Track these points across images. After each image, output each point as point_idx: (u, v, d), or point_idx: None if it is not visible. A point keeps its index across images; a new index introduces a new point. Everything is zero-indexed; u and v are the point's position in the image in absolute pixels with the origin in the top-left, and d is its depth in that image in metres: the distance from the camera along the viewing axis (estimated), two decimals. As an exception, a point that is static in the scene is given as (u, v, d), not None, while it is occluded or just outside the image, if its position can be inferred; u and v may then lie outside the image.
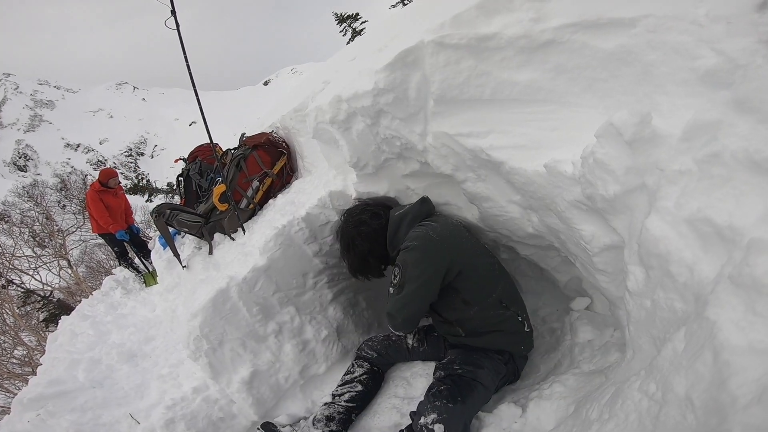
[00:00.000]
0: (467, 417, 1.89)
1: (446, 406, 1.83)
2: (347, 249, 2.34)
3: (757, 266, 0.97)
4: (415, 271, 1.97)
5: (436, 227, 2.08)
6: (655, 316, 1.40)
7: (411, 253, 1.99)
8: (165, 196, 25.41)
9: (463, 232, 2.19)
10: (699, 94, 1.39)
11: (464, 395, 1.91)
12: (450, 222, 2.23)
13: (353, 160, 2.35)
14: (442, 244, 2.01)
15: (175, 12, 2.44)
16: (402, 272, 1.99)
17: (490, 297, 2.09)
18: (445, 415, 1.81)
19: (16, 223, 19.24)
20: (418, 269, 1.97)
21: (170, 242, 3.37)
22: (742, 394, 0.93)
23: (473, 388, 1.96)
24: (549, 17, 1.79)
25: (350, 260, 2.36)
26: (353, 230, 2.28)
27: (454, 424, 1.80)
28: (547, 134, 1.83)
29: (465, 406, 1.87)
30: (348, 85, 2.22)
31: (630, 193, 1.43)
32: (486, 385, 2.02)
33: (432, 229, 2.06)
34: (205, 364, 2.40)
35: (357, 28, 17.60)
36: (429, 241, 2.00)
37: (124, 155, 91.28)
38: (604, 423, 1.43)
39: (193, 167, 3.78)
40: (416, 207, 2.25)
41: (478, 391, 1.97)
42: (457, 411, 1.83)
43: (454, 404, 1.85)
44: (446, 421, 1.79)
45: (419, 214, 2.20)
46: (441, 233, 2.05)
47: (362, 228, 2.25)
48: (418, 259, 1.97)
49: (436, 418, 1.80)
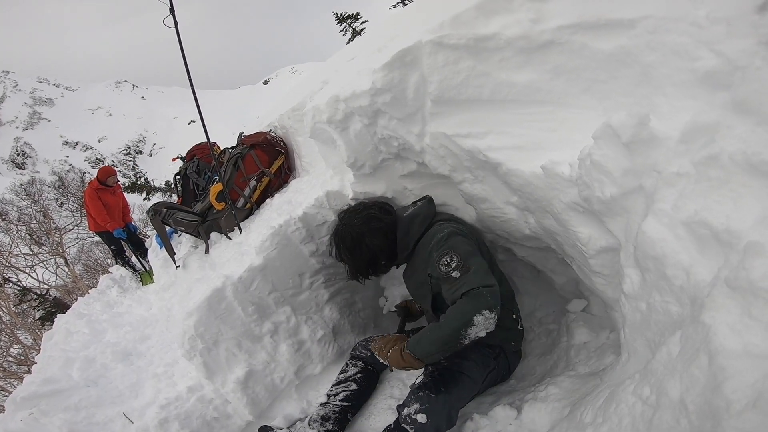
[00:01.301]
0: (452, 407, 1.88)
1: (429, 396, 1.84)
2: (354, 247, 2.21)
3: (753, 270, 0.97)
4: (468, 246, 1.94)
5: (455, 224, 2.10)
6: (651, 319, 1.39)
7: (454, 237, 1.97)
8: (163, 194, 25.40)
9: (471, 229, 2.23)
10: (698, 95, 1.38)
11: (448, 386, 1.91)
12: (460, 219, 2.28)
13: (350, 160, 2.34)
14: (470, 235, 2.05)
15: (174, 10, 2.44)
16: (455, 254, 1.89)
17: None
18: (428, 405, 1.82)
19: (14, 220, 19.19)
20: (468, 244, 1.95)
21: (166, 241, 3.35)
22: (736, 399, 0.93)
23: (458, 379, 1.95)
24: (548, 18, 1.78)
25: (356, 260, 2.24)
26: (363, 227, 2.18)
27: (437, 413, 1.81)
28: (545, 135, 1.82)
29: (449, 396, 1.87)
30: (346, 85, 2.21)
31: (627, 196, 1.42)
32: (472, 377, 2.01)
33: (452, 224, 2.08)
34: (200, 363, 2.38)
35: (357, 28, 17.62)
36: (460, 231, 2.03)
37: (123, 153, 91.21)
38: (598, 426, 1.42)
39: (190, 166, 3.77)
40: (425, 207, 2.22)
41: (463, 382, 1.96)
42: (440, 401, 1.84)
43: (437, 394, 1.85)
44: (429, 410, 1.80)
45: (429, 214, 2.19)
46: (461, 229, 2.07)
47: (373, 224, 2.18)
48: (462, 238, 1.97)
49: (419, 408, 1.81)
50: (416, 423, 1.80)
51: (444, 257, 1.90)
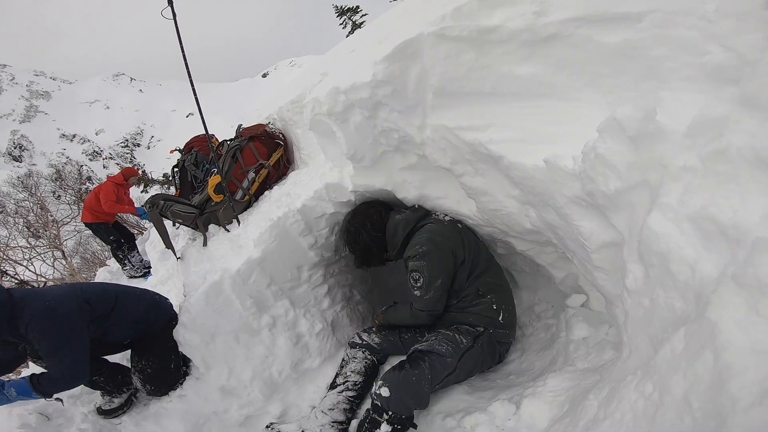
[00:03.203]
0: (418, 382, 2.02)
1: (392, 373, 2.07)
2: (352, 242, 2.60)
3: (761, 266, 0.95)
4: (437, 268, 2.22)
5: (435, 229, 2.33)
6: (654, 315, 1.38)
7: (425, 258, 2.22)
8: (161, 186, 25.31)
9: (456, 229, 2.37)
10: (705, 90, 1.36)
11: (412, 363, 2.09)
12: (444, 221, 2.42)
13: (350, 152, 2.32)
14: (446, 244, 2.26)
15: (172, 2, 2.42)
16: (422, 276, 2.22)
17: (471, 286, 2.32)
18: (391, 380, 2.03)
19: (11, 213, 19.09)
20: (435, 270, 2.22)
21: (164, 234, 3.32)
22: (742, 396, 0.91)
23: (425, 356, 2.13)
24: (553, 11, 1.76)
25: (355, 251, 2.63)
26: (360, 225, 2.53)
27: (398, 386, 2.00)
28: (547, 129, 1.80)
29: (413, 371, 2.04)
30: (346, 77, 2.19)
31: (632, 190, 1.40)
32: (441, 353, 2.14)
33: (432, 231, 2.31)
34: (198, 358, 2.37)
35: (357, 21, 17.52)
36: (436, 244, 2.24)
37: (120, 146, 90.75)
38: (599, 422, 1.41)
39: (188, 158, 3.73)
40: (410, 213, 2.47)
41: (430, 358, 2.12)
42: (401, 376, 2.03)
43: (400, 371, 2.06)
44: (391, 385, 2.01)
45: (412, 219, 2.42)
46: (442, 233, 2.30)
47: (368, 223, 2.52)
48: (432, 261, 2.22)
49: (382, 384, 2.03)
50: (380, 397, 2.01)
51: (414, 272, 2.25)
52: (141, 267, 5.90)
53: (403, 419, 2.02)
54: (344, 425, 2.22)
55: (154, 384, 2.39)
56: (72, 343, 2.03)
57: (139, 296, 2.45)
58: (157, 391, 2.42)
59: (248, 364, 2.46)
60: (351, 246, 2.63)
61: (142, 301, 2.42)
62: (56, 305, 2.02)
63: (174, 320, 2.49)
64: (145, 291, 2.55)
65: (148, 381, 2.38)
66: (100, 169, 75.34)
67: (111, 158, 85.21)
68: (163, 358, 2.39)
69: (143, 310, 2.38)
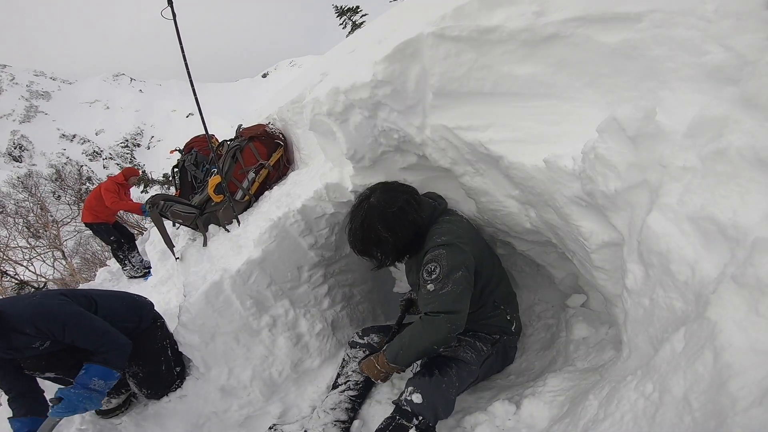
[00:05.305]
0: (447, 389, 1.96)
1: (422, 379, 1.97)
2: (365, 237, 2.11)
3: (761, 266, 0.95)
4: (455, 261, 1.88)
5: (455, 229, 2.03)
6: (654, 315, 1.38)
7: (446, 247, 1.92)
8: (161, 187, 25.31)
9: (474, 230, 2.25)
10: (705, 90, 1.37)
11: (441, 369, 2.01)
12: (463, 220, 2.21)
13: (350, 152, 2.32)
14: (467, 239, 2.01)
15: (172, 2, 2.42)
16: (438, 266, 1.88)
17: (489, 297, 2.16)
18: (422, 386, 1.93)
19: (11, 213, 19.08)
20: (457, 259, 1.89)
21: (164, 234, 3.33)
22: (742, 396, 0.91)
23: (451, 363, 2.05)
24: (553, 11, 1.76)
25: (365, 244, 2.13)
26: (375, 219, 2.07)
27: (431, 393, 1.91)
28: (547, 129, 1.80)
29: (443, 379, 1.97)
30: (346, 77, 2.18)
31: (631, 190, 1.40)
32: (467, 361, 2.08)
33: (456, 224, 2.06)
34: (198, 358, 2.37)
35: (357, 21, 17.52)
36: (458, 237, 1.97)
37: (120, 146, 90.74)
38: (599, 422, 1.41)
39: (188, 158, 3.73)
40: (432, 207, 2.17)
41: (457, 365, 2.05)
42: (433, 382, 1.95)
43: (430, 377, 1.97)
44: (423, 391, 1.91)
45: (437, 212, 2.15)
46: (464, 231, 2.05)
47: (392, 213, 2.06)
48: (454, 250, 1.91)
49: (414, 390, 1.93)
50: (412, 403, 1.89)
51: (430, 263, 1.91)
52: (141, 267, 5.90)
53: (430, 427, 1.91)
54: (347, 424, 2.22)
55: (149, 388, 2.41)
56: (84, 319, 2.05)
57: (118, 296, 2.47)
58: (154, 394, 2.43)
59: (248, 364, 2.46)
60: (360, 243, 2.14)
61: (121, 300, 2.43)
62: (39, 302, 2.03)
63: (158, 320, 2.50)
64: (124, 292, 2.58)
65: (142, 385, 2.40)
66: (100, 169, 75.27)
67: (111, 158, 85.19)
68: (153, 361, 2.39)
69: (125, 308, 2.38)
